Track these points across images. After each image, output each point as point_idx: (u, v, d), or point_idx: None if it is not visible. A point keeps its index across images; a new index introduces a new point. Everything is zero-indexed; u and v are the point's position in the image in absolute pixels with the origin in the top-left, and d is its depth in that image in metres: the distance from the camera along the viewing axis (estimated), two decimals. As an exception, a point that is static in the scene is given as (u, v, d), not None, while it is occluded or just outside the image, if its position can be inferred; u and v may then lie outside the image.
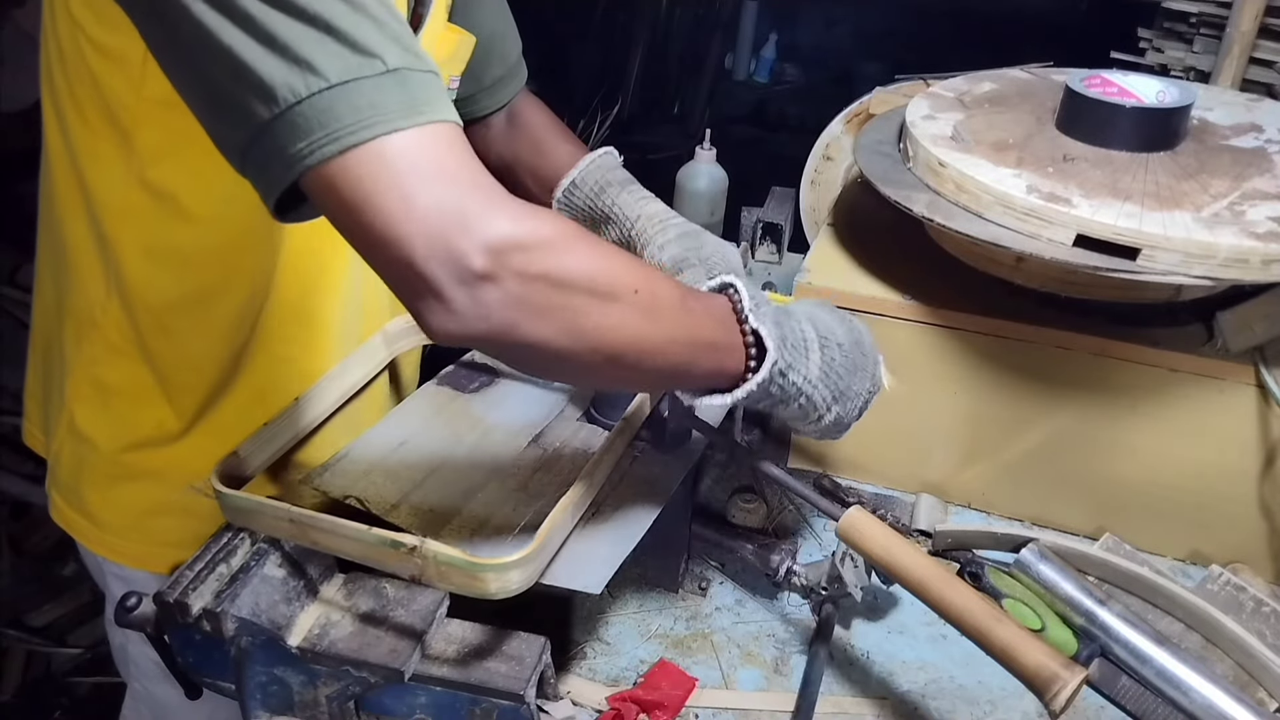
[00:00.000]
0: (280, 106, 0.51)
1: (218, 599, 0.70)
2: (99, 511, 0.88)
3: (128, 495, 0.87)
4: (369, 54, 0.52)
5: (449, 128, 0.53)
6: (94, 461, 0.86)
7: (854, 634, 0.86)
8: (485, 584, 0.64)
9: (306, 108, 0.50)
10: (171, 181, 0.75)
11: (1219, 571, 0.84)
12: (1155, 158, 0.86)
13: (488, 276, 0.50)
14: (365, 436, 0.88)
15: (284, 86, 0.51)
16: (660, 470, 0.82)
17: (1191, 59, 1.52)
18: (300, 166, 0.51)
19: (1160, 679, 0.70)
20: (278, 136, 0.51)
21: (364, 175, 0.50)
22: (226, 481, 0.74)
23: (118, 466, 0.86)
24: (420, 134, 0.51)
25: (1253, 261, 0.75)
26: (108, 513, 0.88)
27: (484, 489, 0.82)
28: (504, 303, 0.51)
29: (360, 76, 0.51)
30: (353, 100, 0.51)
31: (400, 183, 0.50)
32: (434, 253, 0.50)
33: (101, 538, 0.89)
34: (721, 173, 1.31)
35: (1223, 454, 0.88)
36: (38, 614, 2.14)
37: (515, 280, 0.51)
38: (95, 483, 0.87)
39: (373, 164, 0.50)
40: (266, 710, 0.74)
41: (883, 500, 1.00)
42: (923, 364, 0.94)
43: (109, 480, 0.87)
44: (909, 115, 0.96)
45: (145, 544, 0.88)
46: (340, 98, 0.50)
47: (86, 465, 0.87)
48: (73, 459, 0.88)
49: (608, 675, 0.82)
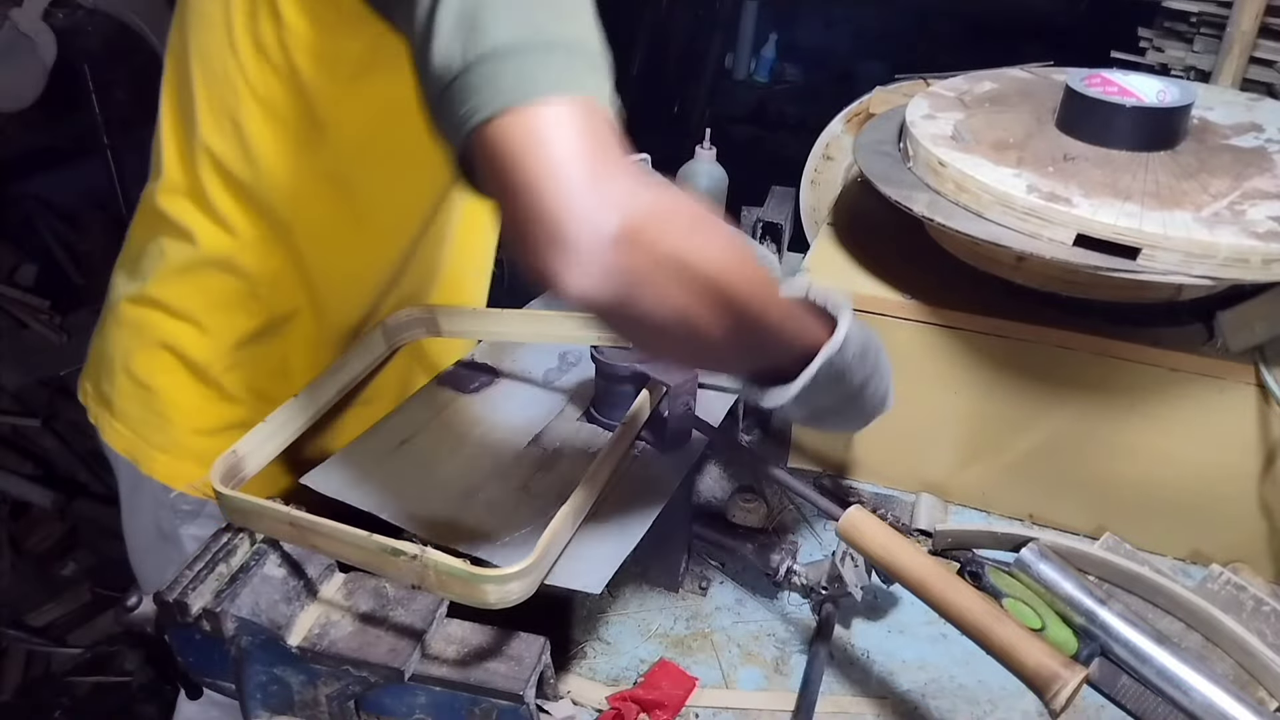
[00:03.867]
0: (455, 71, 0.54)
1: (217, 598, 0.70)
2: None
3: None
4: (540, 24, 0.54)
5: (602, 108, 0.55)
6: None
7: (854, 633, 0.86)
8: (485, 594, 0.64)
9: (475, 73, 0.53)
10: (357, 176, 0.82)
11: (1219, 571, 0.84)
12: (1155, 157, 0.86)
13: (622, 243, 0.51)
14: (365, 436, 0.88)
15: (459, 53, 0.54)
16: (660, 470, 0.82)
17: (1192, 58, 1.52)
18: (464, 131, 0.54)
19: (1160, 678, 0.70)
20: (452, 100, 0.54)
21: (516, 136, 0.52)
22: (226, 480, 0.74)
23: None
24: (574, 105, 0.53)
25: (1253, 261, 0.75)
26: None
27: (484, 489, 0.82)
28: (631, 274, 0.52)
29: (527, 45, 0.53)
30: (516, 67, 0.53)
31: (550, 147, 0.52)
32: (577, 215, 0.51)
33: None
34: (721, 172, 1.31)
35: (1223, 454, 0.88)
36: (38, 614, 2.14)
37: (645, 254, 0.52)
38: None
39: (526, 126, 0.52)
40: (266, 710, 0.74)
41: (883, 500, 1.00)
42: (923, 364, 0.94)
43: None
44: (909, 115, 0.96)
45: None
46: (503, 65, 0.53)
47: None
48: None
49: (608, 675, 0.82)
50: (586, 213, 0.50)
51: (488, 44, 0.53)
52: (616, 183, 0.52)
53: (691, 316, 0.56)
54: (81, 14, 2.22)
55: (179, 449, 0.92)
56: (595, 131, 0.53)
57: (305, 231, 0.85)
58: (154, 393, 0.91)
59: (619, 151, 0.54)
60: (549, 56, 0.54)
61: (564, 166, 0.51)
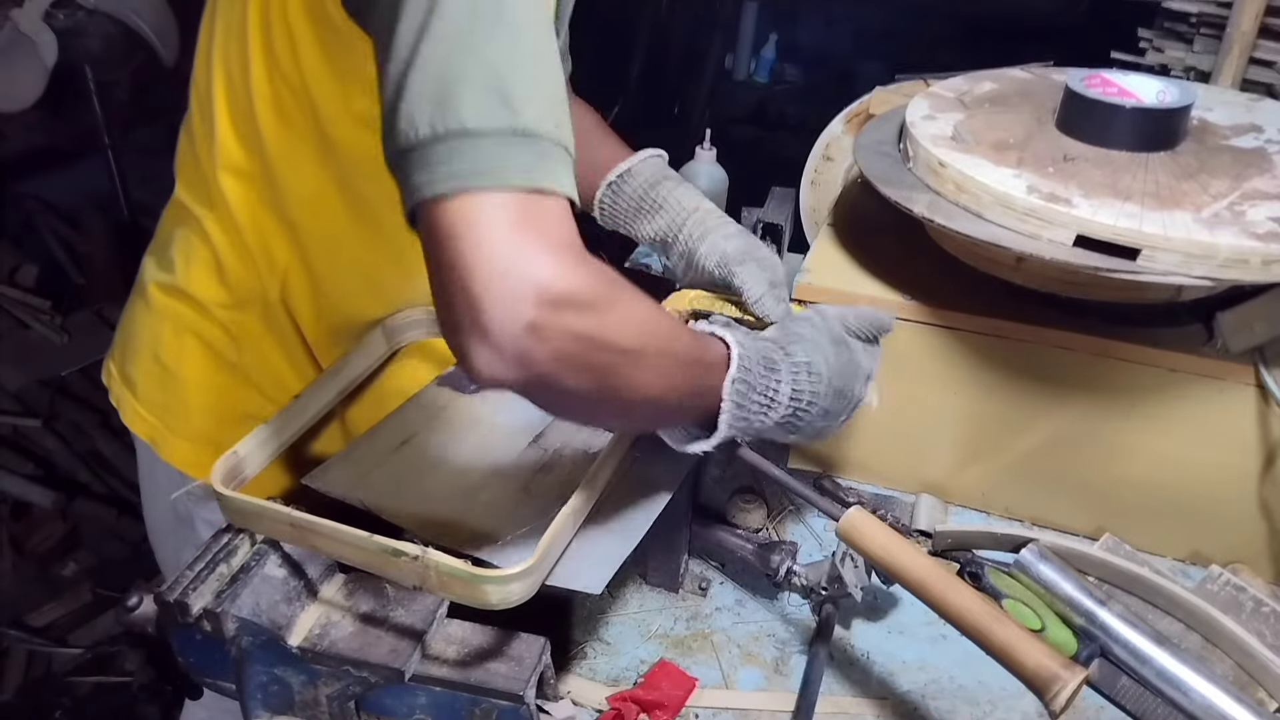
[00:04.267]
0: (417, 138, 0.55)
1: (218, 599, 0.70)
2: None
3: None
4: (513, 110, 0.56)
5: (552, 200, 0.56)
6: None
7: (854, 634, 0.86)
8: (486, 595, 0.64)
9: (440, 146, 0.55)
10: (366, 188, 0.82)
11: (1219, 571, 0.84)
12: (1155, 158, 0.86)
13: (539, 330, 0.53)
14: (366, 436, 0.88)
15: (426, 121, 0.55)
16: (660, 470, 0.82)
17: (1192, 59, 1.52)
18: (416, 198, 0.56)
19: (1160, 679, 0.70)
20: (410, 163, 0.56)
21: (456, 219, 0.54)
22: (227, 480, 0.74)
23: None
24: (519, 196, 0.55)
25: (1253, 261, 0.75)
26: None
27: (485, 490, 0.82)
28: (550, 356, 0.55)
29: (494, 131, 0.55)
30: (479, 150, 0.55)
31: (482, 234, 0.54)
32: (495, 301, 0.53)
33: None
34: (721, 173, 1.31)
35: (1223, 454, 0.88)
36: (38, 614, 2.14)
37: (564, 337, 0.55)
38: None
39: (466, 211, 0.54)
40: (267, 710, 0.74)
41: (883, 500, 1.00)
42: (923, 364, 0.94)
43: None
44: (909, 115, 0.96)
45: None
46: (468, 145, 0.55)
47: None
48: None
49: (608, 675, 0.82)
50: (502, 302, 0.53)
51: (453, 123, 0.55)
52: (538, 270, 0.53)
53: (610, 389, 0.59)
54: (82, 14, 2.21)
55: (199, 437, 0.93)
56: (534, 217, 0.55)
57: (315, 235, 0.86)
58: (180, 379, 0.92)
59: (558, 237, 0.56)
60: (509, 146, 0.55)
61: (488, 255, 0.53)
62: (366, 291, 0.92)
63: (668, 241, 0.93)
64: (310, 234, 0.86)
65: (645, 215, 0.94)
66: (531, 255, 0.54)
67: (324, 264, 0.87)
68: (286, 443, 0.83)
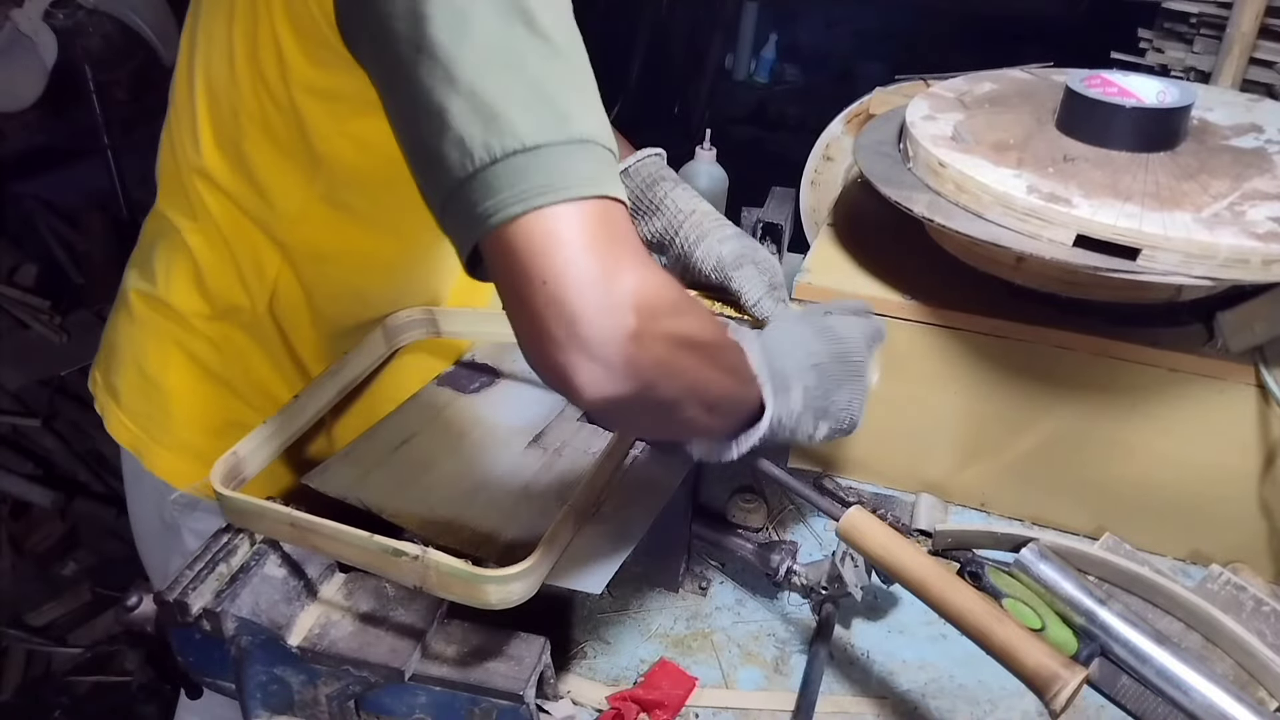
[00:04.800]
0: (475, 165, 0.54)
1: (218, 598, 0.70)
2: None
3: None
4: (565, 120, 0.55)
5: (617, 206, 0.56)
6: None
7: (854, 633, 0.86)
8: (487, 595, 0.64)
9: (501, 168, 0.53)
10: (355, 202, 0.81)
11: (1219, 571, 0.84)
12: (1155, 158, 0.86)
13: (639, 337, 0.53)
14: (366, 436, 0.88)
15: (481, 146, 0.53)
16: (660, 470, 0.82)
17: (1192, 59, 1.52)
18: (486, 225, 0.54)
19: (1160, 678, 0.70)
20: (471, 193, 0.54)
21: (537, 236, 0.53)
22: (226, 481, 0.74)
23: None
24: (594, 205, 0.54)
25: (1253, 261, 0.75)
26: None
27: (485, 489, 0.82)
28: (652, 363, 0.54)
29: (553, 142, 0.54)
30: (543, 164, 0.53)
31: (568, 249, 0.53)
32: (596, 313, 0.52)
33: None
34: (721, 173, 1.31)
35: (1223, 454, 0.88)
36: (38, 614, 2.14)
37: (660, 341, 0.54)
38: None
39: (547, 226, 0.53)
40: (267, 710, 0.74)
41: (883, 500, 1.00)
42: (923, 364, 0.94)
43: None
44: (909, 115, 0.96)
45: None
46: (531, 161, 0.53)
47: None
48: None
49: (608, 675, 0.82)
50: (603, 314, 0.52)
51: (511, 142, 0.53)
52: (629, 277, 0.53)
53: (696, 391, 0.59)
54: (81, 14, 2.21)
55: (183, 447, 0.92)
56: (610, 225, 0.54)
57: (303, 249, 0.84)
58: (163, 389, 0.91)
59: (632, 245, 0.55)
60: (572, 155, 0.54)
61: (579, 267, 0.52)
62: (358, 303, 0.91)
63: (664, 243, 0.93)
64: (298, 248, 0.84)
65: (642, 216, 0.94)
66: (619, 264, 0.53)
67: (313, 276, 0.86)
68: (286, 443, 0.83)
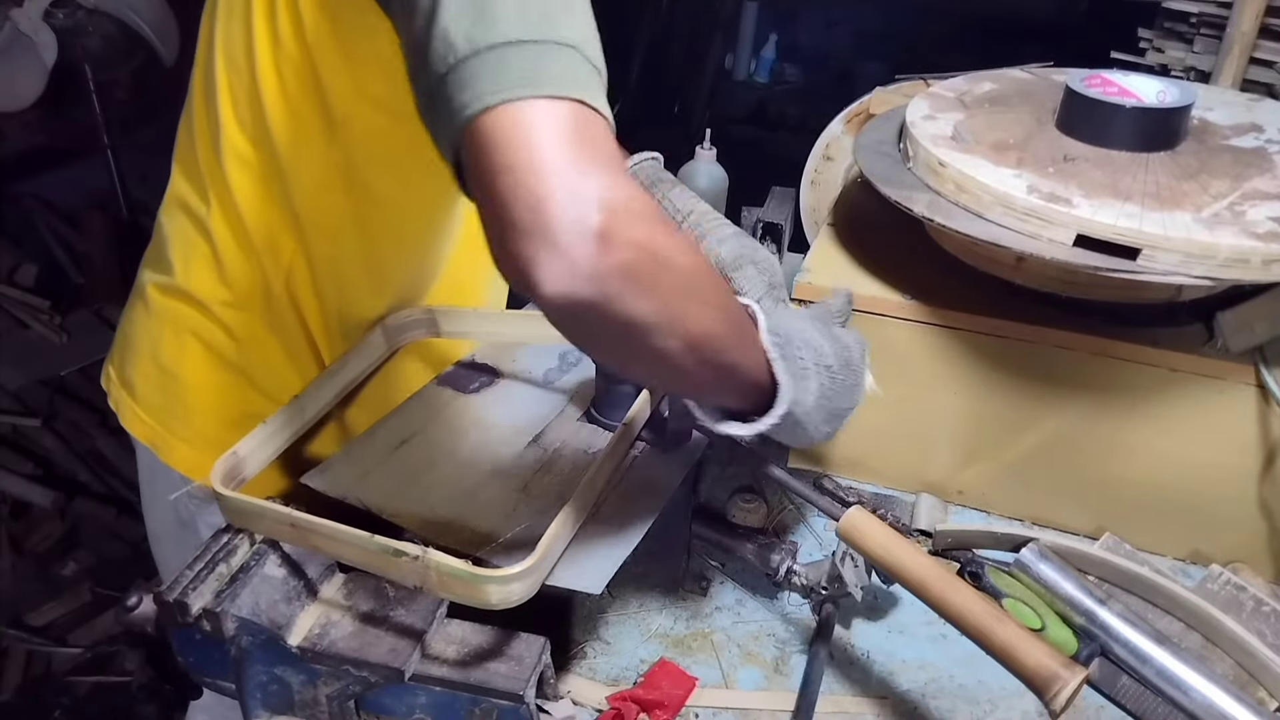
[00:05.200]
0: (457, 57, 0.53)
1: (218, 598, 0.70)
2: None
3: None
4: (553, 23, 0.54)
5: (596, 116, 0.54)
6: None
7: (854, 633, 0.86)
8: (487, 595, 0.64)
9: (480, 60, 0.53)
10: (371, 174, 0.83)
11: (1219, 571, 0.84)
12: (1155, 158, 0.86)
13: (605, 236, 0.50)
14: (365, 436, 0.88)
15: (464, 38, 0.53)
16: (660, 470, 0.82)
17: (1192, 59, 1.52)
18: (463, 118, 0.53)
19: (1160, 678, 0.70)
20: (451, 86, 0.53)
21: (507, 125, 0.51)
22: (226, 481, 0.74)
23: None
24: (570, 106, 0.53)
25: (1253, 261, 0.75)
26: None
27: (484, 489, 0.82)
28: (618, 267, 0.51)
29: (538, 39, 0.53)
30: (524, 60, 0.53)
31: (539, 137, 0.51)
32: (563, 201, 0.50)
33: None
34: (721, 173, 1.31)
35: (1223, 454, 0.88)
36: (38, 614, 2.14)
37: (629, 247, 0.51)
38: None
39: (519, 117, 0.52)
40: (266, 710, 0.74)
41: (883, 500, 1.00)
42: (923, 364, 0.94)
43: None
44: (909, 115, 0.96)
45: None
46: (512, 56, 0.53)
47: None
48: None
49: (608, 675, 0.82)
50: (569, 203, 0.49)
51: (496, 34, 0.53)
52: (600, 177, 0.51)
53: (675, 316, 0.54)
54: (81, 14, 2.22)
55: (201, 439, 0.92)
56: (586, 128, 0.53)
57: (318, 223, 0.86)
58: (180, 381, 0.91)
59: (610, 151, 0.53)
60: (555, 55, 0.54)
61: (550, 156, 0.51)
62: (368, 281, 0.91)
63: None
64: (314, 222, 0.85)
65: None
66: (592, 163, 0.51)
67: (326, 252, 0.87)
68: (286, 443, 0.83)
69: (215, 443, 0.89)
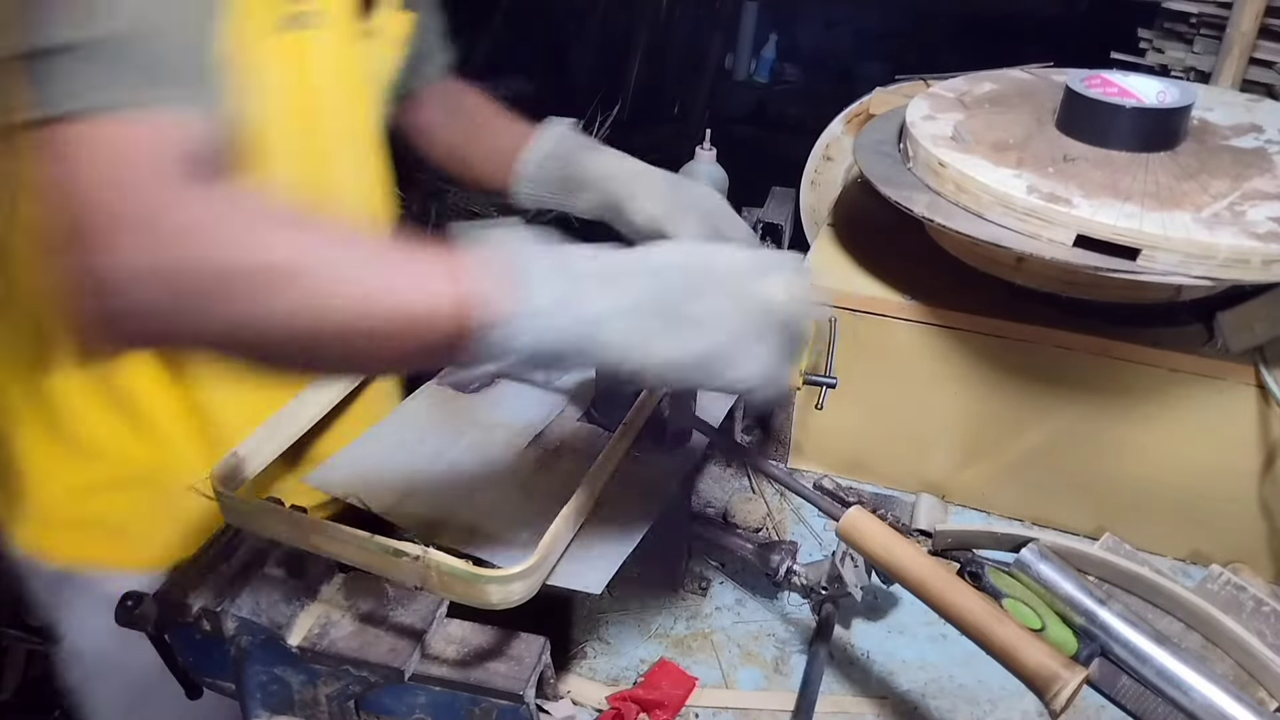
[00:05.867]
0: (12, 50, 0.50)
1: (218, 598, 0.70)
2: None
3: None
4: (93, 14, 0.50)
5: (145, 124, 0.51)
6: None
7: (854, 633, 0.86)
8: (488, 595, 0.64)
9: (32, 65, 0.50)
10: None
11: (1219, 571, 0.84)
12: (1155, 158, 0.86)
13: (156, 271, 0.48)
14: (365, 436, 0.88)
15: (16, 30, 0.50)
16: (660, 470, 0.82)
17: (1192, 59, 1.52)
18: (31, 116, 0.50)
19: (1160, 678, 0.70)
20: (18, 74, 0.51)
21: (70, 147, 0.49)
22: (226, 481, 0.74)
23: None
24: (103, 126, 0.50)
25: (1253, 261, 0.75)
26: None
27: (484, 489, 0.82)
28: (156, 293, 0.49)
29: (87, 44, 0.50)
30: (72, 71, 0.49)
31: (90, 170, 0.49)
32: (121, 221, 0.48)
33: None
34: (721, 173, 1.31)
35: (1223, 454, 0.88)
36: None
37: (166, 270, 0.49)
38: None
39: (81, 138, 0.49)
40: (266, 710, 0.74)
41: (883, 500, 1.00)
42: (923, 364, 0.94)
43: None
44: (909, 115, 0.96)
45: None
46: (60, 65, 0.49)
47: None
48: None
49: (608, 675, 0.82)
50: (131, 222, 0.48)
51: (39, 38, 0.49)
52: (163, 194, 0.49)
53: (247, 324, 0.50)
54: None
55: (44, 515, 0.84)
56: (117, 156, 0.50)
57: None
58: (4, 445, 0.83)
59: (177, 164, 0.50)
60: (90, 63, 0.50)
61: (115, 182, 0.49)
62: None
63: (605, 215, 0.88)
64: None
65: (574, 192, 0.89)
66: (151, 181, 0.49)
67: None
68: (286, 443, 0.83)
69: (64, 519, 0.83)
